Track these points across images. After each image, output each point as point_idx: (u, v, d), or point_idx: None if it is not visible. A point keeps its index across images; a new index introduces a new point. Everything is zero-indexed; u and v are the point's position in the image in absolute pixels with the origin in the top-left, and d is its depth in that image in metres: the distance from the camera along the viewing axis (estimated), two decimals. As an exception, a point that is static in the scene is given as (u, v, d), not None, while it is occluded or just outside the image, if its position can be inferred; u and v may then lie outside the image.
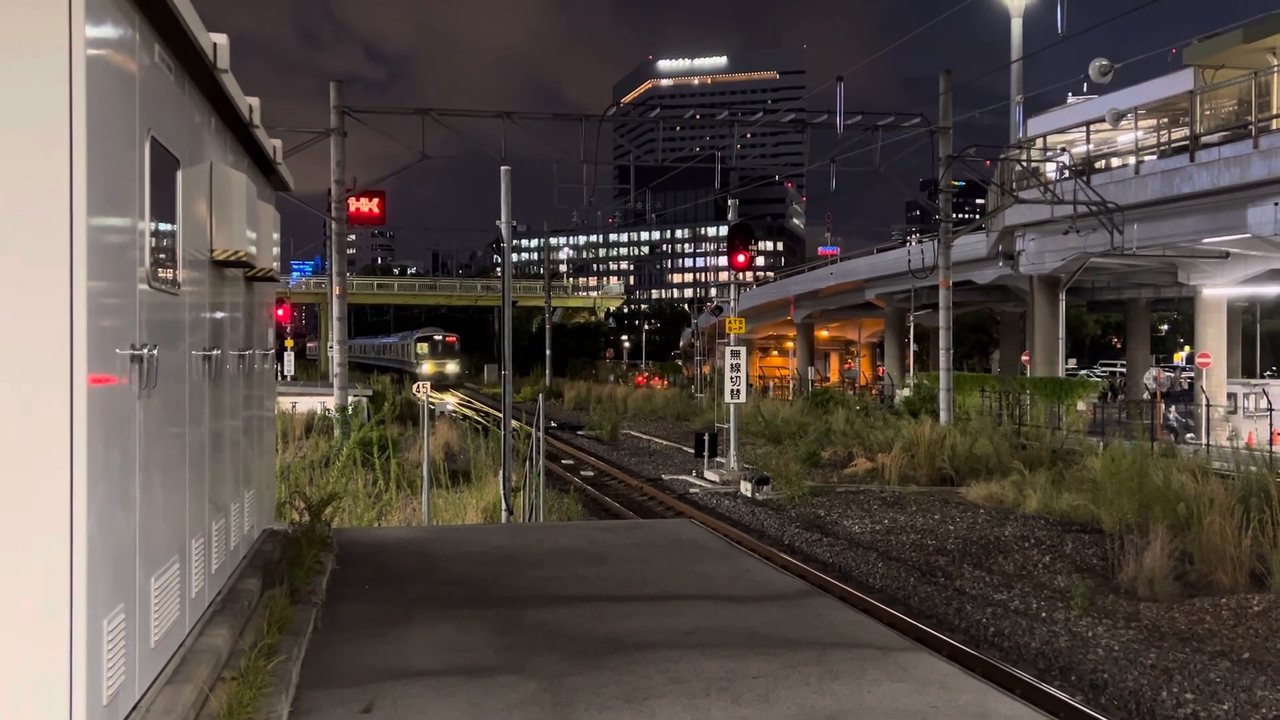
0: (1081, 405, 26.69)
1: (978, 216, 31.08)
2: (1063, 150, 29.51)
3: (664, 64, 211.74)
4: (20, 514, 3.00)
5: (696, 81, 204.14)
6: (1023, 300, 31.88)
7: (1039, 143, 30.70)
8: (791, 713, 4.34)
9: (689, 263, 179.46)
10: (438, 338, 68.39)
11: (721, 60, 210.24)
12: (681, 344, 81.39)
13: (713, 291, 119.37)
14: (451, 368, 66.55)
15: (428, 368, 61.82)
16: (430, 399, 19.02)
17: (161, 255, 4.05)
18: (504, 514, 14.19)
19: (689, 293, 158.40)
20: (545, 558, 7.70)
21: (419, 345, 67.17)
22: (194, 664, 4.31)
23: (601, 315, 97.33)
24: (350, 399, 25.20)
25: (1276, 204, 20.19)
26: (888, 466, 20.14)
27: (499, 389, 15.11)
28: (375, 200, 24.22)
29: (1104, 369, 49.14)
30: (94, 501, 3.09)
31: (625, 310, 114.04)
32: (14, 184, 3.01)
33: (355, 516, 13.13)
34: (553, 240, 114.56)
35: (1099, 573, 11.72)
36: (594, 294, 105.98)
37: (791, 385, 51.94)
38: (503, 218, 16.07)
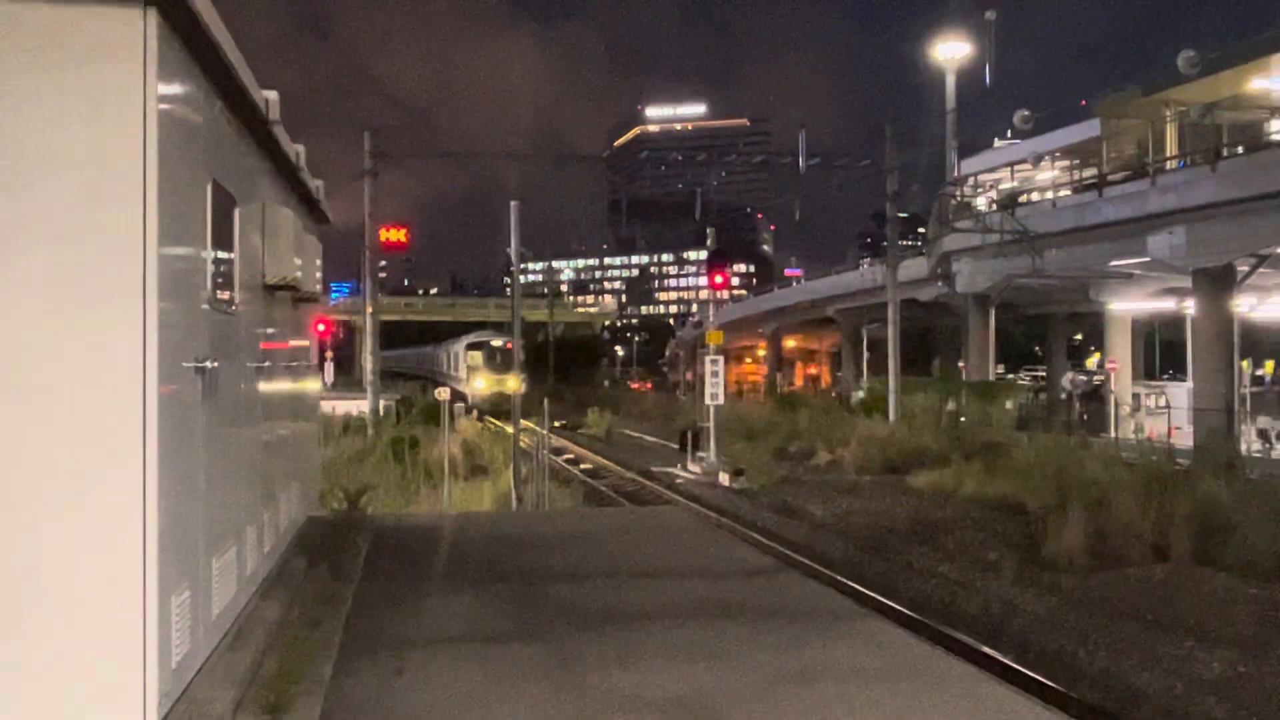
0: (1009, 405, 26.73)
1: (920, 244, 31.21)
2: (991, 187, 29.69)
3: (651, 111, 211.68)
4: (102, 506, 2.99)
5: (679, 127, 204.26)
6: (959, 315, 31.95)
7: (971, 180, 30.90)
8: (767, 672, 4.33)
9: (673, 282, 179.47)
10: (495, 343, 41.91)
11: (701, 109, 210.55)
12: (667, 353, 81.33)
13: (694, 308, 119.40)
14: (514, 384, 35.24)
15: (483, 384, 39.42)
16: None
17: (221, 281, 4.04)
18: (514, 502, 14.17)
19: (674, 309, 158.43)
20: (551, 540, 7.68)
21: (470, 354, 42.11)
22: (249, 634, 4.29)
23: (598, 329, 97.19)
24: (382, 403, 25.11)
25: (1171, 233, 20.33)
26: (845, 459, 20.14)
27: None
28: (403, 230, 24.29)
29: (1028, 373, 49.26)
30: (164, 495, 3.08)
31: (618, 324, 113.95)
32: (97, 220, 3.01)
33: (387, 504, 13.07)
34: (555, 263, 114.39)
35: (1025, 548, 11.69)
36: (591, 310, 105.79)
37: (763, 389, 51.97)
38: (512, 244, 16.10)
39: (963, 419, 23.75)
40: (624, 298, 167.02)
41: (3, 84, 2.97)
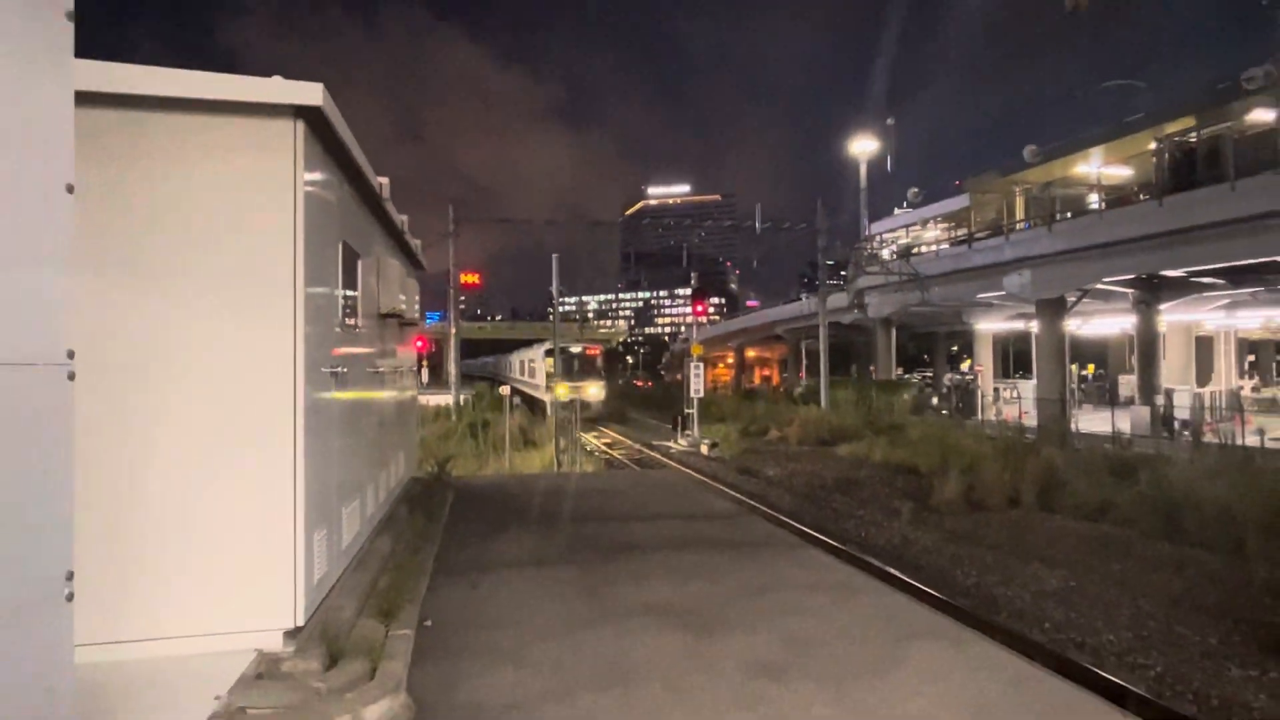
0: (906, 396, 26.58)
1: (842, 283, 31.12)
2: (892, 242, 29.61)
3: (651, 189, 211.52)
4: (266, 469, 3.01)
5: (671, 200, 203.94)
6: (870, 333, 31.86)
7: (878, 237, 30.87)
8: (738, 585, 4.33)
9: (667, 311, 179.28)
10: (574, 350, 29.28)
11: (687, 187, 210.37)
12: (663, 360, 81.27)
13: (682, 329, 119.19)
14: (594, 392, 27.22)
15: (562, 392, 24.22)
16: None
17: (348, 310, 4.06)
18: (556, 466, 14.14)
19: (668, 329, 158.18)
20: (582, 493, 7.67)
21: (549, 360, 27.65)
22: (369, 560, 4.30)
23: (614, 344, 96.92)
24: (461, 397, 25.07)
25: (1020, 274, 20.29)
26: (790, 435, 20.04)
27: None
28: (476, 275, 24.42)
29: (919, 374, 48.96)
30: (309, 461, 3.09)
31: (628, 340, 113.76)
32: (262, 267, 3.04)
33: (465, 468, 13.07)
34: (583, 297, 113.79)
35: (918, 498, 11.62)
36: (610, 330, 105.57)
37: (731, 387, 51.81)
38: (553, 283, 16.15)
39: (873, 407, 23.63)
40: (633, 322, 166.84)
41: (197, 172, 3.01)
